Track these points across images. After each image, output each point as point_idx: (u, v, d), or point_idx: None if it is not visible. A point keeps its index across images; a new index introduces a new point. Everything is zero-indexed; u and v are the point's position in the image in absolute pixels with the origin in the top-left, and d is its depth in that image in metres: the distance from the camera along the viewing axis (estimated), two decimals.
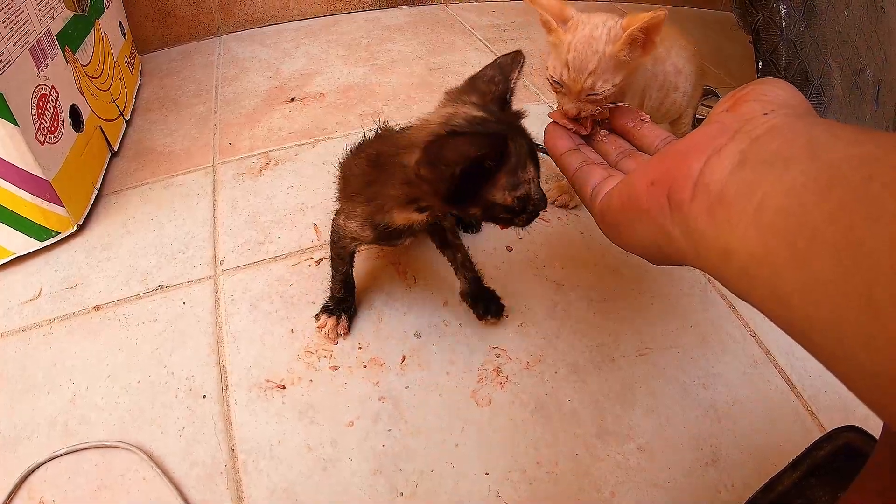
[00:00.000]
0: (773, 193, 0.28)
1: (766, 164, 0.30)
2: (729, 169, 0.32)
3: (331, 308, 0.70)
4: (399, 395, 0.64)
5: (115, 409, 0.64)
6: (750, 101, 0.37)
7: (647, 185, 0.39)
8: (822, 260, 0.25)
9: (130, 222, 0.87)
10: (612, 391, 0.66)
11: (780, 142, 0.31)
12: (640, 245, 0.41)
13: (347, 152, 0.66)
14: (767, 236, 0.28)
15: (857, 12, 0.99)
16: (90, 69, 0.97)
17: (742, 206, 0.30)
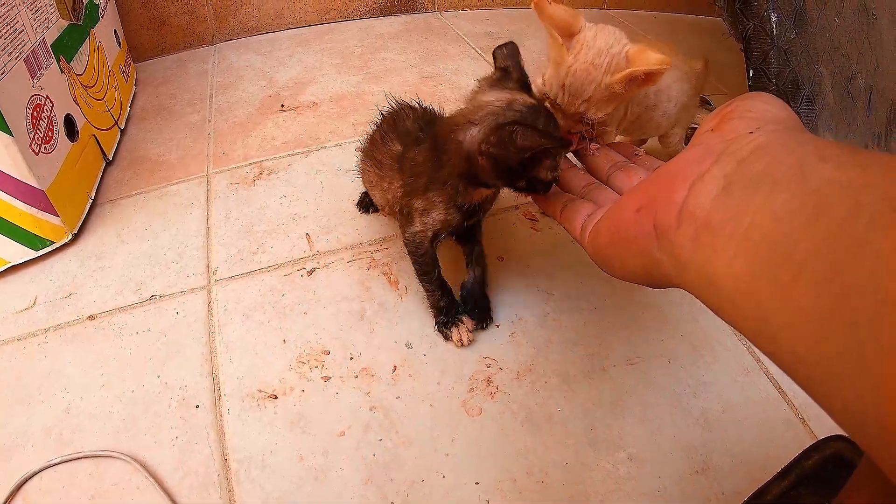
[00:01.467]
0: (759, 220, 0.28)
1: (751, 187, 0.30)
2: (714, 194, 0.32)
3: (446, 321, 0.72)
4: (390, 405, 0.65)
5: (108, 419, 0.65)
6: (735, 119, 0.37)
7: (634, 213, 0.39)
8: (807, 295, 0.25)
9: (125, 231, 0.88)
10: (603, 400, 0.67)
11: (765, 162, 0.31)
12: (632, 273, 0.41)
13: (399, 155, 0.71)
14: (753, 266, 0.28)
15: (849, 19, 1.00)
16: (85, 78, 0.99)
17: (728, 234, 0.30)
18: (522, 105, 0.60)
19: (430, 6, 1.60)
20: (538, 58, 1.42)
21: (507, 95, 0.61)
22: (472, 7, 1.65)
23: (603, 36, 0.60)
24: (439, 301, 0.72)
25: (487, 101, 0.60)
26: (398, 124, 0.73)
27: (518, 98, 0.60)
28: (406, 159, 0.68)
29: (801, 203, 0.26)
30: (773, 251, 0.27)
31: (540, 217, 0.90)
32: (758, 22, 0.90)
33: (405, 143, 0.70)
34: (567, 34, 0.62)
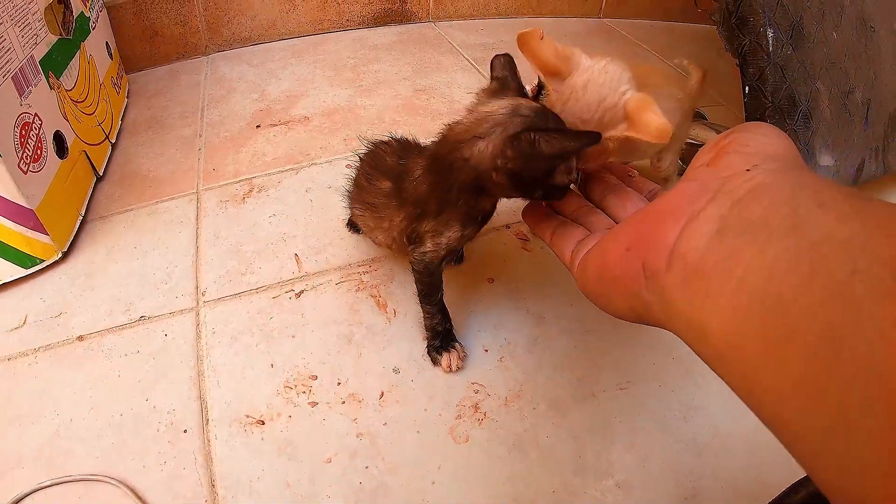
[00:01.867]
0: (752, 272, 0.27)
1: (746, 234, 0.29)
2: (707, 238, 0.31)
3: (438, 346, 0.72)
4: (377, 432, 0.66)
5: (98, 441, 0.65)
6: (731, 154, 0.36)
7: (623, 251, 0.38)
8: (797, 361, 0.24)
9: (114, 250, 0.88)
10: (592, 426, 0.67)
11: (762, 207, 0.29)
12: (620, 311, 0.41)
13: (391, 190, 0.69)
14: (744, 322, 0.27)
15: (846, 33, 0.99)
16: (75, 93, 0.99)
17: (719, 283, 0.29)
18: (528, 109, 0.56)
19: (425, 16, 1.60)
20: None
21: (510, 102, 0.57)
22: (466, 17, 1.65)
23: (594, 84, 0.55)
24: (437, 325, 0.71)
25: (490, 111, 0.57)
26: (379, 163, 0.72)
27: (522, 102, 0.57)
28: (403, 190, 0.67)
29: (796, 258, 0.26)
30: (765, 309, 0.26)
31: (531, 237, 0.90)
32: (754, 38, 0.90)
33: (392, 177, 0.69)
34: (556, 76, 0.57)
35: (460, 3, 1.61)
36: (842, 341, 0.22)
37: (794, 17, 0.91)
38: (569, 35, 1.64)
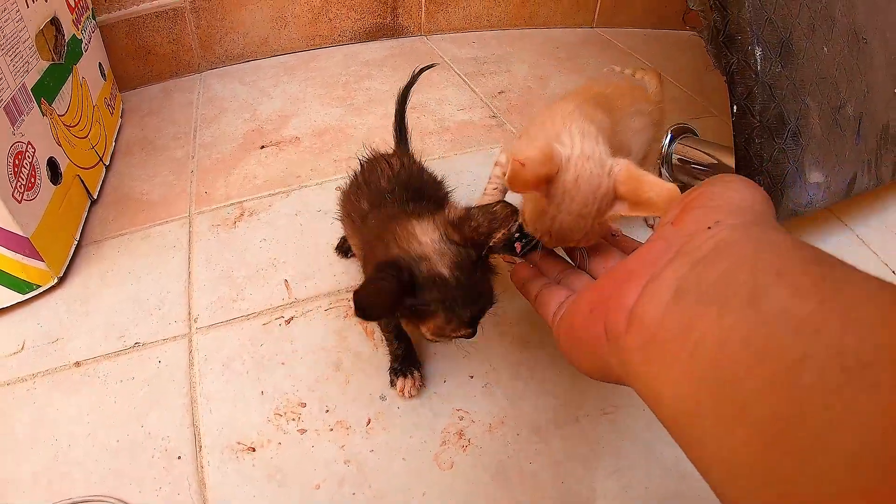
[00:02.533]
0: (706, 344, 0.28)
1: (703, 301, 0.29)
2: (665, 302, 0.32)
3: (398, 369, 0.74)
4: (364, 459, 0.68)
5: (95, 467, 0.68)
6: (696, 209, 0.37)
7: (586, 313, 0.40)
8: (745, 442, 0.25)
9: (109, 275, 0.91)
10: (575, 452, 0.70)
11: (720, 270, 0.30)
12: (587, 370, 0.42)
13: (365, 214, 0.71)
14: (697, 395, 0.28)
15: (838, 46, 1.00)
16: (68, 118, 1.01)
17: (674, 352, 0.30)
18: (426, 269, 0.57)
19: (417, 30, 1.62)
20: (524, 82, 1.44)
21: (430, 250, 0.58)
22: (458, 30, 1.67)
23: (585, 177, 0.55)
24: (396, 349, 0.74)
25: (413, 243, 0.59)
26: (372, 179, 0.75)
27: (434, 260, 0.58)
28: (367, 222, 0.69)
29: (749, 334, 0.26)
30: (717, 384, 0.27)
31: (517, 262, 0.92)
32: (741, 56, 0.90)
33: (372, 202, 0.71)
34: (545, 184, 0.57)
35: (452, 17, 1.63)
36: (787, 431, 0.23)
37: (783, 33, 0.92)
38: (562, 46, 1.66)
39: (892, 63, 1.12)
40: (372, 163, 0.78)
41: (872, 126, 1.08)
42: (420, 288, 0.56)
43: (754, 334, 0.26)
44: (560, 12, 1.70)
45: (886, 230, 1.11)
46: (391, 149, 0.87)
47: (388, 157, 0.79)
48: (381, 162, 0.77)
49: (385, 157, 0.78)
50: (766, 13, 0.90)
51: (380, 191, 0.72)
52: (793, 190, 0.95)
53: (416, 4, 1.57)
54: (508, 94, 1.40)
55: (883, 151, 1.11)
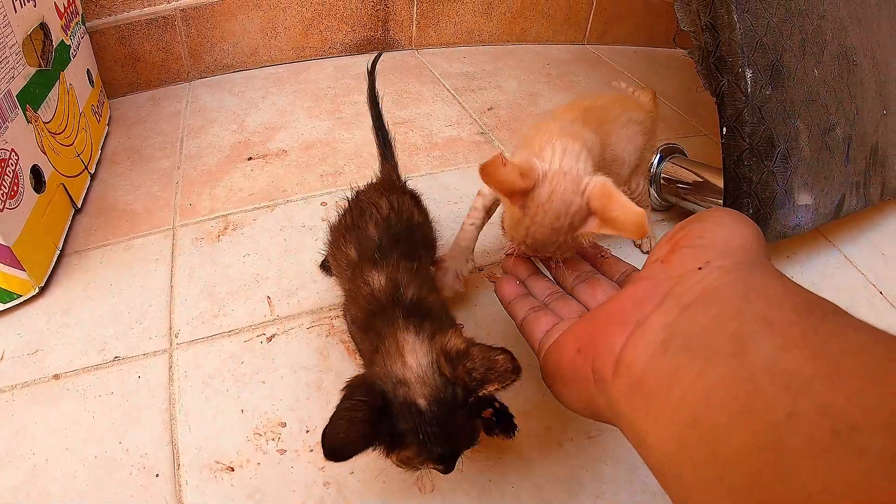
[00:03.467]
0: (691, 397, 0.28)
1: (689, 350, 0.29)
2: (652, 349, 0.32)
3: None
4: (343, 481, 0.68)
5: (73, 483, 0.68)
6: (685, 248, 0.37)
7: (574, 353, 0.40)
8: (725, 501, 0.25)
9: (90, 286, 0.91)
10: (558, 476, 0.70)
11: (709, 318, 0.30)
12: (574, 408, 0.42)
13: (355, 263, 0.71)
14: (680, 449, 0.28)
15: (828, 68, 1.01)
16: (53, 125, 1.01)
17: (660, 402, 0.30)
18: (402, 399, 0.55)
19: (407, 44, 1.63)
20: (514, 98, 1.45)
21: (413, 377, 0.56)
22: (449, 44, 1.68)
23: (559, 193, 0.57)
24: None
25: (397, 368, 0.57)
26: (360, 224, 0.72)
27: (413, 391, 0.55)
28: (356, 283, 0.68)
29: (734, 389, 0.26)
30: (699, 440, 0.27)
31: None
32: (732, 78, 0.91)
33: (361, 253, 0.70)
34: (520, 194, 0.59)
35: (443, 31, 1.64)
36: (770, 494, 0.23)
37: (774, 56, 0.93)
38: (552, 62, 1.68)
39: (881, 84, 1.14)
40: (359, 203, 0.76)
41: (861, 148, 1.09)
42: (394, 415, 0.54)
43: (740, 389, 0.26)
44: (551, 29, 1.72)
45: (874, 250, 1.12)
46: (376, 176, 0.85)
47: (375, 198, 0.76)
48: (369, 205, 0.74)
49: (372, 200, 0.75)
50: (757, 36, 0.91)
51: (368, 239, 0.71)
52: (781, 212, 0.96)
53: (408, 18, 1.58)
54: (498, 111, 1.41)
55: (871, 173, 1.12)
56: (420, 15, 1.58)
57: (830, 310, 0.27)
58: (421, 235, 0.76)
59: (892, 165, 1.17)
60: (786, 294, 0.29)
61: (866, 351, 0.24)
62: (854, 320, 0.26)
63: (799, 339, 0.25)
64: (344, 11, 1.50)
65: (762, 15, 0.91)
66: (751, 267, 0.33)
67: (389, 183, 0.83)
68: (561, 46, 1.76)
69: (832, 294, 0.96)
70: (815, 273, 1.04)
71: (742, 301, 0.29)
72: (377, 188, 0.80)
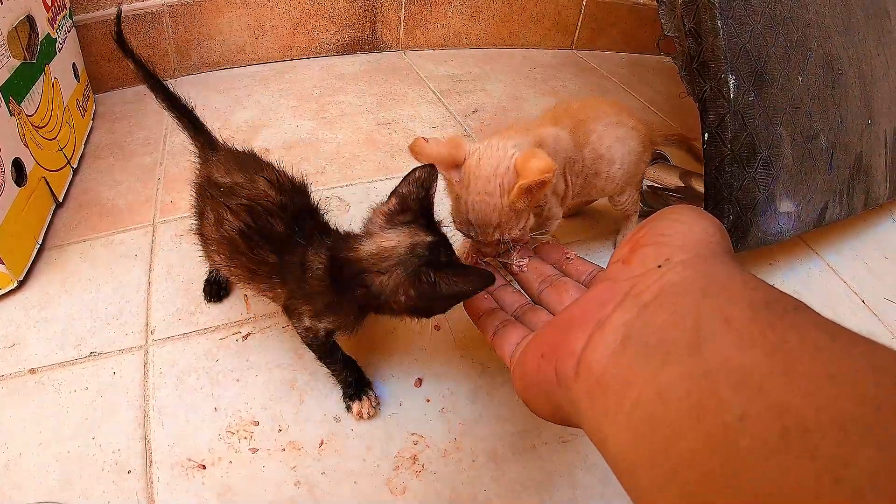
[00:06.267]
0: (647, 396, 0.28)
1: (647, 350, 0.30)
2: (611, 349, 0.32)
3: (352, 394, 0.75)
4: (315, 481, 0.69)
5: (46, 478, 0.68)
6: (646, 246, 0.37)
7: (538, 359, 0.40)
8: (678, 500, 0.25)
9: (69, 281, 0.91)
10: (531, 480, 0.70)
11: (667, 314, 0.30)
12: (544, 414, 0.42)
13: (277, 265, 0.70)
14: (636, 447, 0.28)
15: (812, 76, 1.02)
16: (36, 119, 1.01)
17: (617, 401, 0.30)
18: (424, 247, 0.62)
19: (395, 45, 1.64)
20: (499, 101, 1.46)
21: (408, 238, 0.63)
22: (436, 46, 1.69)
23: (486, 158, 0.62)
24: (347, 377, 0.75)
25: (389, 247, 0.63)
26: (263, 226, 0.69)
27: (418, 240, 0.63)
28: (291, 272, 0.69)
29: (689, 388, 0.26)
30: (652, 439, 0.27)
31: None
32: (714, 84, 0.91)
33: (280, 250, 0.69)
34: (454, 166, 0.64)
35: (431, 33, 1.65)
36: (719, 496, 0.23)
37: (758, 62, 0.93)
38: (539, 67, 1.69)
39: (867, 95, 1.15)
40: (254, 214, 0.69)
41: (845, 156, 1.10)
42: None
43: (694, 387, 0.26)
44: (540, 33, 1.73)
45: (857, 259, 1.13)
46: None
47: (267, 208, 0.70)
48: (265, 213, 0.69)
49: (266, 207, 0.70)
50: (741, 42, 0.92)
51: (280, 236, 0.69)
52: (763, 219, 0.96)
53: (395, 20, 1.59)
54: (482, 114, 1.42)
55: (855, 181, 1.13)
56: (408, 17, 1.59)
57: (791, 306, 0.27)
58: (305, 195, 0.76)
59: (877, 174, 1.18)
60: (745, 289, 0.29)
61: (823, 349, 0.24)
62: (815, 316, 0.26)
63: (757, 336, 0.25)
64: (332, 12, 1.51)
65: (746, 21, 0.92)
66: (711, 261, 0.33)
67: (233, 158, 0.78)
68: (548, 51, 1.78)
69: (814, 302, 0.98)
70: (797, 281, 1.05)
71: (700, 296, 0.30)
72: (234, 170, 0.74)
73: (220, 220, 0.70)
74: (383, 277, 0.62)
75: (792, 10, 0.99)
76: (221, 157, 0.78)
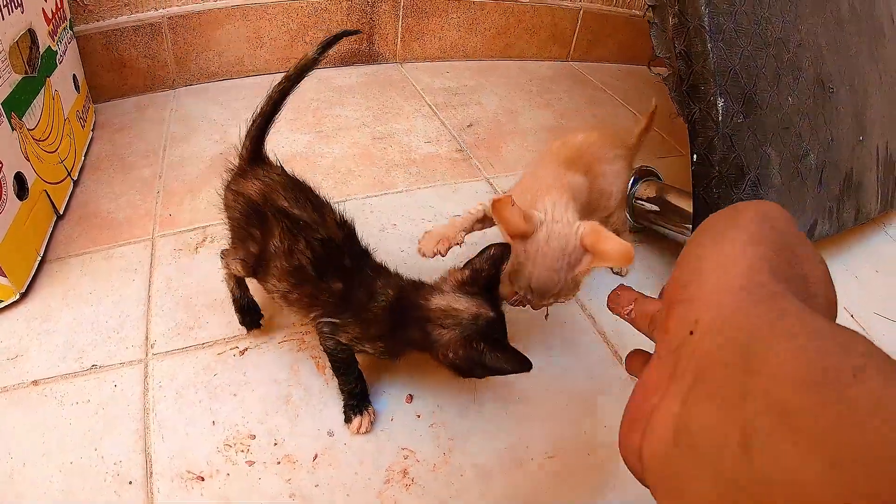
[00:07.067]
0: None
1: (696, 452, 0.28)
2: (663, 449, 0.31)
3: (354, 406, 0.79)
4: (309, 494, 0.72)
5: (49, 488, 0.71)
6: (676, 306, 0.34)
7: (625, 432, 0.37)
8: None
9: (70, 294, 0.94)
10: (518, 496, 0.73)
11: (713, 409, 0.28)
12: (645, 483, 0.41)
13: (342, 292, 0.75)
14: None
15: (803, 96, 1.04)
16: (37, 132, 1.04)
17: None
18: (485, 320, 0.70)
19: (392, 57, 1.67)
20: (494, 115, 1.49)
21: (475, 308, 0.70)
22: (433, 59, 1.72)
23: (556, 236, 0.69)
24: (353, 389, 0.78)
25: (459, 309, 0.70)
26: (335, 262, 0.75)
27: (483, 312, 0.70)
28: (356, 301, 0.74)
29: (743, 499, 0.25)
30: None
31: None
32: (703, 107, 0.93)
33: (346, 279, 0.75)
34: (522, 237, 0.70)
35: (427, 46, 1.68)
36: None
37: (748, 85, 0.95)
38: (535, 79, 1.72)
39: (859, 111, 1.17)
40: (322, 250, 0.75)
41: (836, 174, 1.12)
42: None
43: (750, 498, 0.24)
44: (536, 45, 1.76)
45: (847, 273, 1.16)
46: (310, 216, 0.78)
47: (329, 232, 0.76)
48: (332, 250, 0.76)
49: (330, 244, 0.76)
50: (730, 64, 0.94)
51: (345, 267, 0.75)
52: None
53: (393, 32, 1.62)
54: (477, 128, 1.45)
55: (845, 198, 1.15)
56: (405, 29, 1.62)
57: (858, 366, 0.23)
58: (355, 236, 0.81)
59: (868, 190, 1.20)
60: (793, 353, 0.25)
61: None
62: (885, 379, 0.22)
63: (815, 437, 0.22)
64: (329, 24, 1.54)
65: (736, 43, 0.94)
66: (745, 317, 0.29)
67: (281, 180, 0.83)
68: (544, 63, 1.81)
69: None
70: None
71: (744, 377, 0.26)
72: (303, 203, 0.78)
73: (292, 251, 0.74)
74: (443, 331, 0.70)
75: (783, 31, 1.00)
76: (281, 182, 0.82)
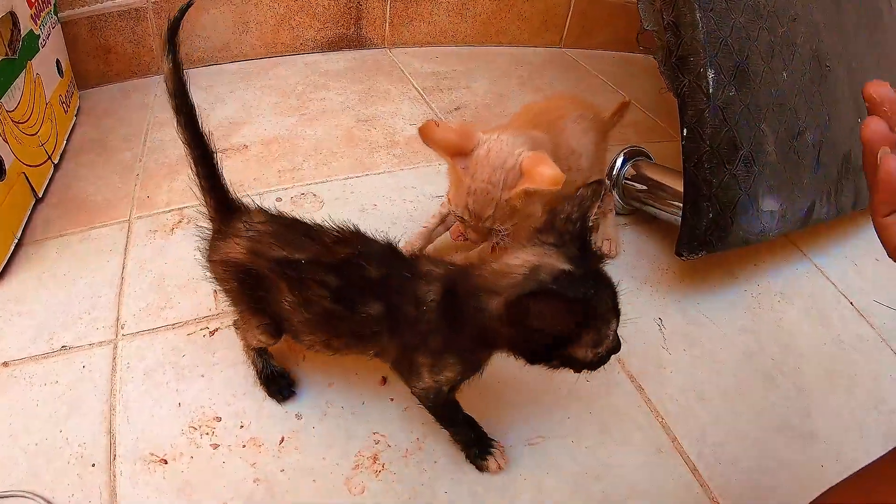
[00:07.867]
0: None
1: None
2: None
3: (479, 453, 0.71)
4: (274, 478, 0.70)
5: (14, 469, 0.70)
6: None
7: None
8: None
9: (45, 276, 0.93)
10: (493, 484, 0.71)
11: None
12: None
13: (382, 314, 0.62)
14: None
15: (799, 72, 1.01)
16: (17, 114, 1.03)
17: None
18: (548, 274, 0.53)
19: (380, 42, 1.65)
20: (482, 99, 1.47)
21: (534, 259, 0.54)
22: (423, 44, 1.70)
23: (496, 151, 0.67)
24: (469, 436, 0.71)
25: (513, 265, 0.55)
26: (358, 282, 0.62)
27: (545, 263, 0.54)
28: (401, 313, 0.61)
29: None
30: None
31: None
32: (693, 78, 0.90)
33: (383, 295, 0.61)
34: (460, 154, 0.68)
35: (417, 31, 1.66)
36: None
37: (739, 56, 0.92)
38: (525, 65, 1.70)
39: (857, 93, 1.12)
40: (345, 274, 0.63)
41: (833, 155, 1.09)
42: None
43: None
44: (528, 31, 1.74)
45: (846, 260, 1.12)
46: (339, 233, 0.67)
47: (336, 256, 0.63)
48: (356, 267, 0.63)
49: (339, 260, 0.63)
50: (721, 35, 0.91)
51: (378, 281, 0.62)
52: (744, 217, 0.95)
53: (381, 17, 1.60)
54: (464, 111, 1.43)
55: (844, 181, 1.12)
56: (393, 13, 1.60)
57: None
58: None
59: None
60: None
61: None
62: None
63: None
64: (316, 8, 1.52)
65: (728, 15, 0.91)
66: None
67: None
68: (536, 49, 1.78)
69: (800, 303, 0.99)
70: (783, 282, 1.04)
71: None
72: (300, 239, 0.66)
73: (308, 300, 0.63)
74: (496, 300, 0.54)
75: (777, 5, 0.98)
76: (266, 230, 0.69)
